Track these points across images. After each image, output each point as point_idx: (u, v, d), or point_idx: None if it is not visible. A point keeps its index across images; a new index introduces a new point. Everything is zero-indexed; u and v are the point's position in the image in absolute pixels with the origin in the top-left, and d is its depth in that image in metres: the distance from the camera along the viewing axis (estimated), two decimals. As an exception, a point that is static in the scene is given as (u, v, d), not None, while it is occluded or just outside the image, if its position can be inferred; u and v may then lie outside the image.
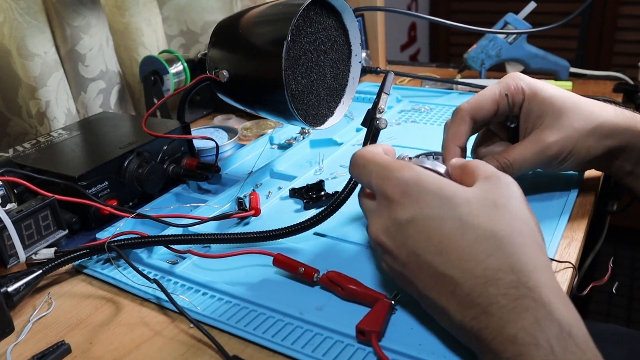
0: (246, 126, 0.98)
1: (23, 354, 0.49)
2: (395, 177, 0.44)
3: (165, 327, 0.51)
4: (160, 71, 0.95)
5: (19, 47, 0.81)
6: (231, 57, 0.69)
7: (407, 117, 0.95)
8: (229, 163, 0.81)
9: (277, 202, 0.71)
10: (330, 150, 0.84)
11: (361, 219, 0.65)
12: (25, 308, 0.56)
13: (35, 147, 0.75)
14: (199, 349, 0.48)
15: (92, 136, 0.79)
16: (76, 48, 0.89)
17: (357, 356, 0.45)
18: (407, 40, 2.56)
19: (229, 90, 0.71)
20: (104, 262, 0.61)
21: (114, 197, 0.69)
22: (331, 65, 0.72)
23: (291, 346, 0.46)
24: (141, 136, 0.74)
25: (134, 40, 0.99)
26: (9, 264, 0.54)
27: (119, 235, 0.60)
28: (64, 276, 0.61)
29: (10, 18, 0.80)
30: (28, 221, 0.56)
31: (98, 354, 0.49)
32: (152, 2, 1.01)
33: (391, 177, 0.45)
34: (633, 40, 2.25)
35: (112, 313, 0.54)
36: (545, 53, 1.05)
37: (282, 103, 0.65)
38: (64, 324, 0.53)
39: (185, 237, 0.59)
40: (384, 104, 0.62)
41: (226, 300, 0.53)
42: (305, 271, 0.53)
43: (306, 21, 0.67)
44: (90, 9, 0.90)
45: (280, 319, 0.50)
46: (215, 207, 0.69)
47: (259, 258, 0.58)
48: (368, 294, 0.50)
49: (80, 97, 0.92)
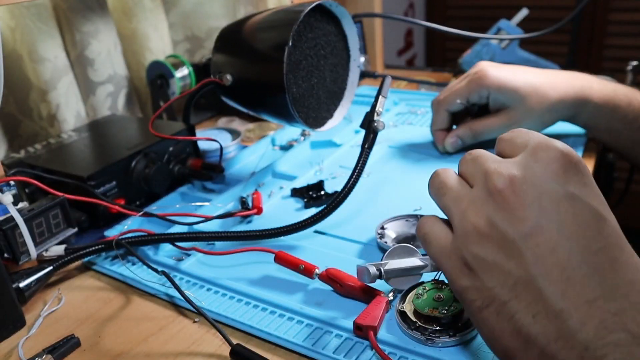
0: (249, 128, 0.98)
1: (34, 347, 0.49)
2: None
3: (171, 322, 0.52)
4: (166, 75, 0.95)
5: (30, 51, 0.81)
6: (234, 61, 0.69)
7: (403, 119, 0.95)
8: (232, 163, 0.81)
9: (278, 201, 0.71)
10: (329, 151, 0.84)
11: (361, 218, 0.65)
12: (36, 303, 0.56)
13: (46, 148, 0.75)
14: (203, 341, 0.48)
15: (101, 137, 0.79)
16: (85, 53, 0.89)
17: (355, 350, 0.45)
18: (403, 46, 2.56)
19: (232, 94, 0.71)
20: (112, 259, 0.61)
21: (122, 196, 0.69)
22: (331, 70, 0.72)
23: (292, 339, 0.46)
24: (148, 138, 0.74)
25: (141, 45, 0.99)
26: (20, 261, 0.55)
27: (127, 233, 0.61)
28: (73, 272, 0.61)
29: (22, 24, 0.80)
30: (39, 219, 0.56)
31: (106, 347, 0.49)
32: (158, 9, 1.01)
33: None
34: (621, 45, 2.24)
35: (120, 308, 0.54)
36: (537, 58, 1.05)
37: (283, 106, 0.65)
38: (73, 318, 0.53)
39: (190, 235, 0.59)
40: (381, 106, 0.62)
41: (229, 295, 0.53)
42: (306, 268, 0.53)
43: (307, 27, 0.67)
44: (98, 15, 0.90)
45: (281, 314, 0.50)
46: (219, 206, 0.69)
47: (261, 255, 0.58)
48: (365, 290, 0.50)
49: (89, 100, 0.92)
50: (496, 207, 0.33)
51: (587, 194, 0.33)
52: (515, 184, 0.33)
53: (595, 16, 2.24)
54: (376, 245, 0.57)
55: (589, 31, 2.27)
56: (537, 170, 0.33)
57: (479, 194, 0.35)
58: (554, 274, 0.31)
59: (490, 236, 0.34)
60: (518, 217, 0.33)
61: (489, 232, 0.34)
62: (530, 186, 0.33)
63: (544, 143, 0.35)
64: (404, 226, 0.60)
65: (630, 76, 1.04)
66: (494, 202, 0.34)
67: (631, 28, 2.20)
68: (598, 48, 2.28)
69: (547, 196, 0.32)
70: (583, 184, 0.33)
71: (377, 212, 0.65)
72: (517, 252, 0.33)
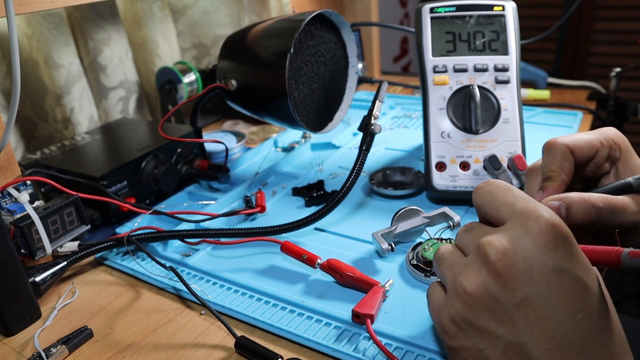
0: (253, 131, 0.98)
1: (49, 338, 0.49)
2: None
3: (179, 314, 0.52)
4: (174, 81, 0.95)
5: (46, 58, 0.81)
6: (239, 67, 0.69)
7: (399, 122, 0.95)
8: (237, 164, 0.81)
9: (281, 200, 0.71)
10: (329, 152, 0.84)
11: (358, 216, 0.65)
12: (51, 296, 0.56)
13: (61, 150, 0.75)
14: (209, 333, 0.48)
15: (113, 140, 0.79)
16: (98, 59, 0.89)
17: (353, 340, 0.45)
18: (399, 53, 2.56)
19: (237, 98, 0.71)
20: (123, 255, 0.61)
21: (132, 195, 0.69)
22: (330, 76, 0.72)
23: (293, 331, 0.46)
24: (157, 140, 0.74)
25: (151, 52, 0.99)
26: (36, 256, 0.54)
27: (137, 230, 0.60)
28: (86, 267, 0.61)
29: (38, 32, 0.80)
30: (54, 217, 0.56)
31: (118, 338, 0.49)
32: (167, 18, 1.01)
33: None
34: (606, 53, 2.25)
35: (131, 301, 0.54)
36: (525, 64, 1.05)
37: (285, 110, 0.65)
38: (86, 311, 0.53)
39: (197, 232, 0.59)
40: (378, 110, 0.62)
41: (234, 289, 0.53)
42: (308, 258, 0.53)
43: (308, 35, 0.67)
44: (111, 24, 0.90)
45: (283, 306, 0.50)
46: (225, 204, 0.69)
47: (264, 253, 0.58)
48: (364, 280, 0.50)
49: (102, 104, 0.92)
50: (489, 275, 0.34)
51: (574, 265, 0.33)
52: (507, 256, 0.33)
53: (580, 25, 2.24)
54: (373, 241, 0.57)
55: (575, 39, 2.27)
56: (527, 243, 0.33)
57: (472, 262, 0.35)
58: (542, 342, 0.32)
59: (481, 301, 0.34)
60: (509, 287, 0.33)
61: (480, 296, 0.34)
62: (520, 258, 0.33)
63: (532, 211, 0.34)
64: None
65: (614, 82, 1.04)
66: (487, 271, 0.34)
67: (615, 37, 2.20)
68: (583, 55, 2.28)
69: (537, 269, 0.33)
70: (570, 254, 0.33)
71: (375, 210, 0.65)
72: (508, 319, 0.33)
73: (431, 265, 0.52)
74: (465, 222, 0.40)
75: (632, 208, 0.41)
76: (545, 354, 0.32)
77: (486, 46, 0.67)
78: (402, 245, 0.58)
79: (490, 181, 0.38)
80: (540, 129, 0.86)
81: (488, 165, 0.63)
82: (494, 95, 0.66)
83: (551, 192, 0.44)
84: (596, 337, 0.32)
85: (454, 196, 0.64)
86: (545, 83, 1.08)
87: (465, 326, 0.35)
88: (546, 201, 0.41)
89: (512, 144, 0.64)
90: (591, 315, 0.32)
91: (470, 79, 0.66)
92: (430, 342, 0.43)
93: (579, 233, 0.38)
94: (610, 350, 0.33)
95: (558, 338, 0.32)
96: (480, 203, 0.38)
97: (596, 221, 0.41)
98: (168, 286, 0.55)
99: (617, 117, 1.06)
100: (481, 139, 0.65)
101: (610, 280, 1.88)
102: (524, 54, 0.81)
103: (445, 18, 0.68)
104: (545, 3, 2.25)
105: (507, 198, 0.36)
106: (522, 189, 0.47)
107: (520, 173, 0.62)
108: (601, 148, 0.46)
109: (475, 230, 0.37)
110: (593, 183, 0.48)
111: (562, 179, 0.44)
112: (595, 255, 0.35)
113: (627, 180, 0.43)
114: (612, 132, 0.47)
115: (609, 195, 0.42)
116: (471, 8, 0.68)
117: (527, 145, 0.66)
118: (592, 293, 0.33)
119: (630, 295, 1.85)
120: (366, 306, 0.46)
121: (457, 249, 0.39)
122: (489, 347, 0.34)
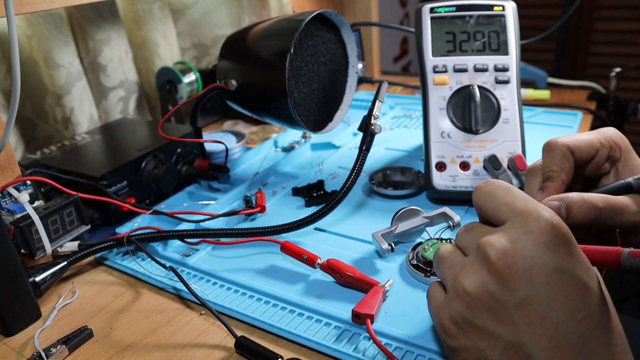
0: (253, 131, 0.98)
1: (49, 338, 0.49)
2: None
3: (179, 314, 0.51)
4: (174, 81, 0.95)
5: (46, 58, 0.81)
6: (239, 67, 0.69)
7: (399, 122, 0.95)
8: (237, 164, 0.81)
9: (281, 199, 0.71)
10: (329, 152, 0.84)
11: (358, 216, 0.65)
12: (51, 296, 0.56)
13: (61, 150, 0.75)
14: (209, 333, 0.48)
15: (113, 140, 0.79)
16: (98, 59, 0.89)
17: (353, 340, 0.45)
18: (399, 53, 2.56)
19: (237, 98, 0.71)
20: (123, 255, 0.61)
21: (132, 195, 0.69)
22: (330, 76, 0.72)
23: (293, 331, 0.46)
24: (157, 140, 0.74)
25: (151, 52, 0.99)
26: (36, 256, 0.54)
27: (137, 230, 0.60)
28: (86, 267, 0.61)
29: (38, 32, 0.80)
30: (54, 217, 0.56)
31: (118, 338, 0.49)
32: (167, 18, 1.01)
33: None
34: (605, 53, 2.25)
35: (131, 301, 0.54)
36: (525, 64, 1.05)
37: (285, 110, 0.65)
38: (86, 311, 0.53)
39: (197, 232, 0.59)
40: (378, 110, 0.62)
41: (234, 289, 0.53)
42: (308, 258, 0.53)
43: (308, 35, 0.67)
44: (110, 24, 0.89)
45: (283, 306, 0.50)
46: (225, 204, 0.69)
47: (264, 253, 0.58)
48: (364, 280, 0.50)
49: (102, 104, 0.92)
50: (489, 275, 0.33)
51: (574, 265, 0.33)
52: (508, 256, 0.33)
53: (580, 25, 2.24)
54: (373, 241, 0.57)
55: (575, 39, 2.27)
56: (527, 243, 0.33)
57: (472, 262, 0.35)
58: (542, 342, 0.32)
59: (481, 301, 0.34)
60: (510, 287, 0.33)
61: (480, 296, 0.34)
62: (521, 258, 0.33)
63: (532, 211, 0.34)
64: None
65: (614, 82, 1.04)
66: (487, 270, 0.34)
67: (614, 37, 2.20)
68: (583, 55, 2.28)
69: (537, 269, 0.32)
70: (570, 254, 0.33)
71: (375, 210, 0.65)
72: (509, 319, 0.33)
73: (431, 265, 0.52)
74: (465, 222, 0.40)
75: (632, 208, 0.42)
76: (545, 354, 0.32)
77: (486, 46, 0.67)
78: (402, 245, 0.58)
79: (490, 181, 0.38)
80: (540, 129, 0.86)
81: (488, 165, 0.63)
82: (494, 95, 0.66)
83: (551, 192, 0.44)
84: (596, 337, 0.32)
85: (454, 196, 0.64)
86: (545, 83, 1.08)
87: (466, 326, 0.35)
88: (546, 201, 0.41)
89: (512, 144, 0.64)
90: (591, 315, 0.32)
91: (470, 79, 0.66)
92: (430, 342, 0.43)
93: (579, 233, 0.37)
94: (610, 350, 0.33)
95: (558, 338, 0.32)
96: (480, 203, 0.38)
97: (596, 221, 0.41)
98: (168, 286, 0.55)
99: (617, 117, 1.06)
100: (481, 139, 0.65)
101: (610, 280, 1.88)
102: (524, 54, 0.81)
103: (445, 18, 0.68)
104: (545, 3, 2.25)
105: (507, 198, 0.36)
106: (522, 189, 0.47)
107: (520, 173, 0.62)
108: (601, 148, 0.46)
109: (475, 230, 0.37)
110: (593, 183, 0.48)
111: (562, 179, 0.44)
112: (595, 255, 0.35)
113: (627, 181, 0.43)
114: (612, 132, 0.47)
115: (609, 195, 0.42)
116: (471, 8, 0.68)
117: (527, 145, 0.66)
118: (592, 293, 0.33)
119: (630, 295, 1.85)
120: (366, 306, 0.46)
121: (457, 249, 0.39)
122: (489, 347, 0.34)
